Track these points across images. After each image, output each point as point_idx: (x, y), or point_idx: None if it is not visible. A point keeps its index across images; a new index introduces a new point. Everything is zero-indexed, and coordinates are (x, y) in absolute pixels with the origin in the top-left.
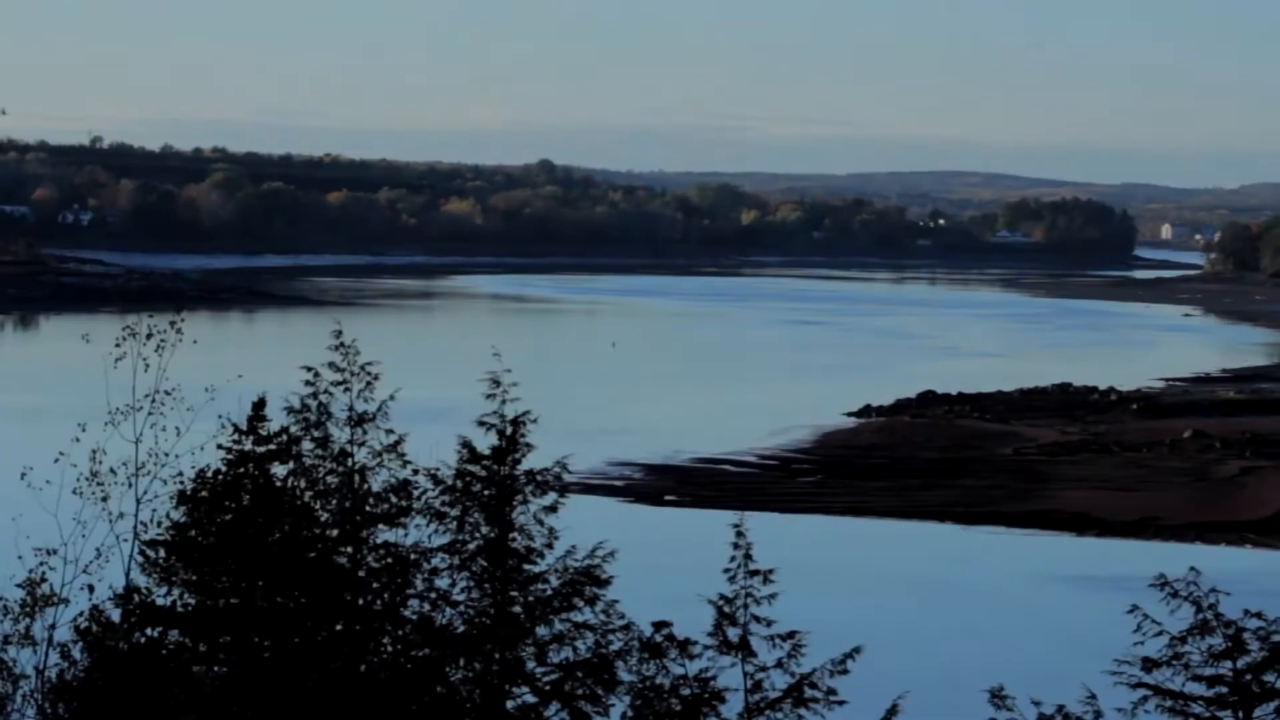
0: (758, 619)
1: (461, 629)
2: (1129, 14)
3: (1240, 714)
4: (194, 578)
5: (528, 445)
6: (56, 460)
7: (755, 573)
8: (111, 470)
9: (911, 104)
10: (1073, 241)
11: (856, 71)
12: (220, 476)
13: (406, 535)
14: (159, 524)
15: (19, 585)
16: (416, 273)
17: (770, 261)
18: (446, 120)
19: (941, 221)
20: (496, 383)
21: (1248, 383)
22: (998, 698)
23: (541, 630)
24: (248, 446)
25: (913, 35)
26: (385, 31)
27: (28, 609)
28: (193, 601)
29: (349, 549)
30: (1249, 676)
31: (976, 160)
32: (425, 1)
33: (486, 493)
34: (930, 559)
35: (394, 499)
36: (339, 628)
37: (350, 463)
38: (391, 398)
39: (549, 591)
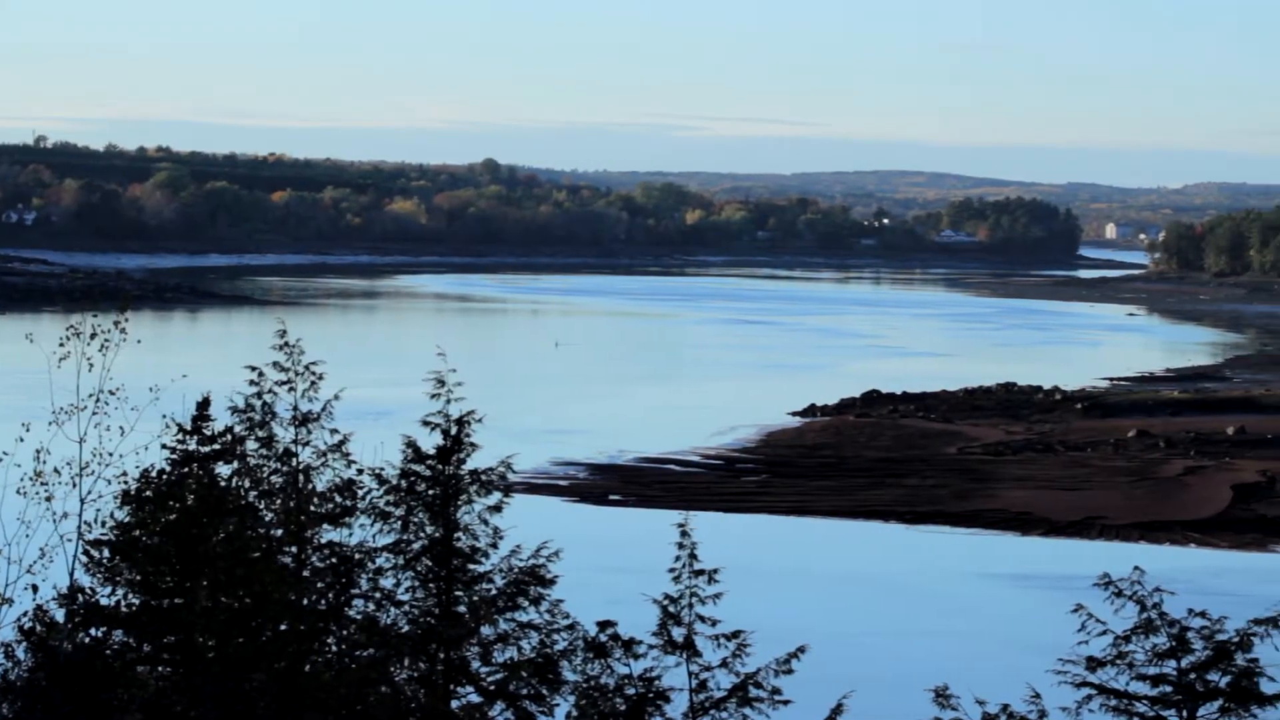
0: (702, 618)
1: (406, 629)
2: (1075, 15)
3: (1184, 713)
4: (138, 578)
5: (472, 445)
6: (0, 460)
7: (700, 572)
8: (55, 470)
9: (856, 104)
10: (1017, 241)
11: (802, 71)
12: (164, 476)
13: (351, 535)
14: (103, 524)
15: None
16: (361, 272)
17: (715, 261)
18: (391, 119)
19: (886, 221)
20: (441, 382)
21: (1192, 382)
22: (942, 697)
23: (486, 630)
24: (192, 446)
25: (858, 35)
26: (329, 30)
27: None
28: (137, 601)
29: (293, 549)
30: (1193, 675)
31: (921, 160)
32: (370, 0)
33: (431, 492)
34: (875, 558)
35: (339, 499)
36: (283, 627)
37: (295, 462)
38: (336, 397)
39: (494, 591)
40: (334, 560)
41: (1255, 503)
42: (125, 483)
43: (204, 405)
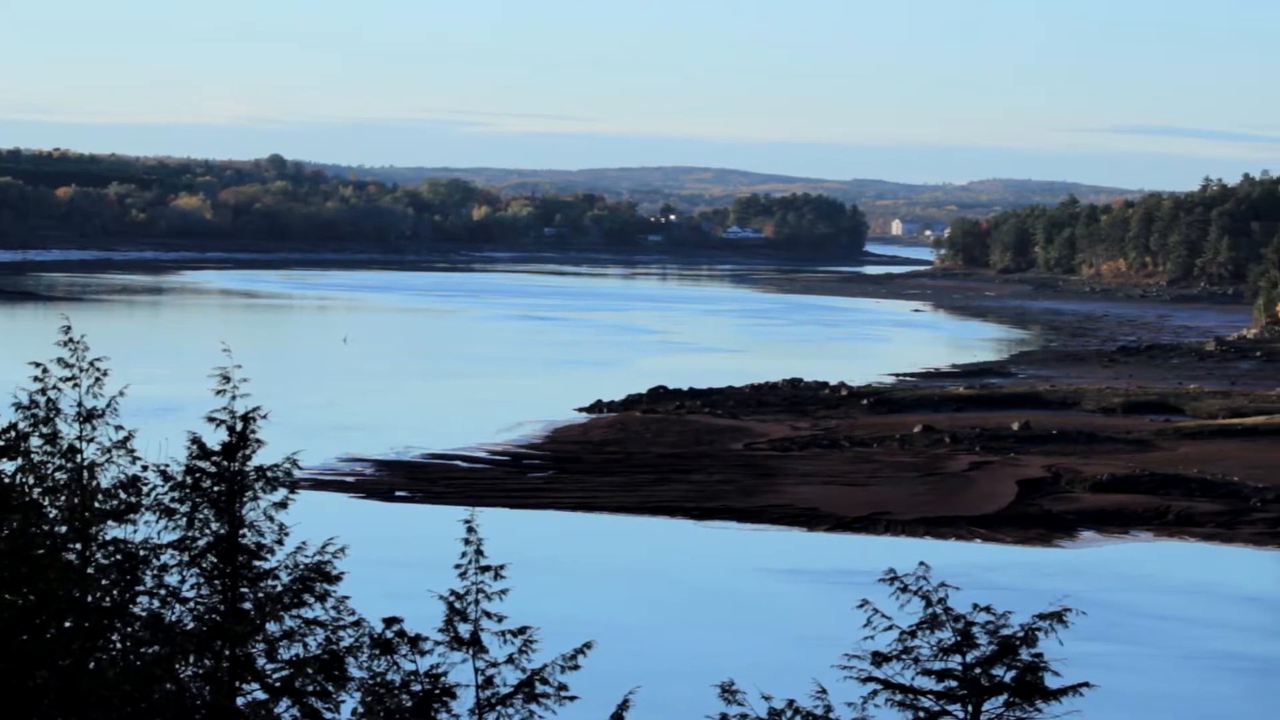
0: (489, 614)
1: (191, 625)
2: (857, 12)
3: (969, 708)
4: None
5: (258, 441)
6: None
7: (486, 568)
8: None
9: (642, 100)
10: (803, 237)
11: (587, 67)
12: None
13: (136, 531)
14: None
15: None
16: (146, 268)
17: (502, 257)
18: (176, 115)
19: (673, 217)
20: (226, 378)
21: (977, 378)
22: (728, 692)
23: (272, 626)
24: None
25: (644, 32)
26: (114, 26)
27: None
28: None
29: (78, 545)
30: (978, 670)
31: (707, 156)
32: None
33: (216, 489)
34: (662, 554)
35: (123, 495)
36: (68, 625)
37: (79, 459)
38: (121, 394)
39: (279, 588)
40: (118, 557)
41: (1040, 498)
42: None
43: None
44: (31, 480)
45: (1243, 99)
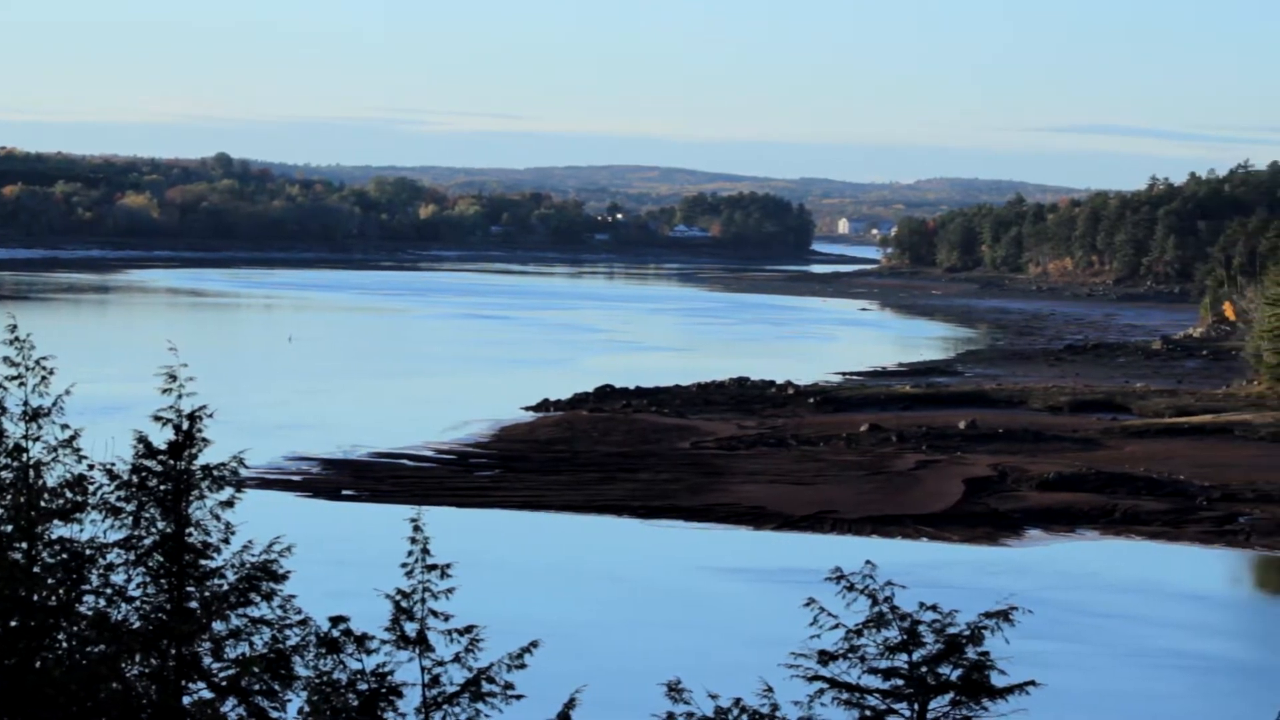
0: (435, 613)
1: (138, 624)
2: (804, 11)
3: (915, 706)
4: None
5: (204, 440)
6: None
7: (433, 567)
8: None
9: (589, 98)
10: (750, 236)
11: (534, 65)
12: None
13: (82, 530)
14: None
15: None
16: (93, 267)
17: (448, 256)
18: (123, 113)
19: (619, 216)
20: (173, 377)
21: (924, 377)
22: (675, 691)
23: (218, 625)
24: None
25: (591, 31)
26: (61, 24)
27: None
28: None
29: (23, 544)
30: (924, 669)
31: (654, 155)
32: None
33: (163, 488)
34: (609, 553)
35: (69, 494)
36: (13, 624)
37: (25, 458)
38: (67, 392)
39: (225, 587)
40: (65, 556)
41: (986, 496)
42: None
43: None
44: None
45: (1189, 98)
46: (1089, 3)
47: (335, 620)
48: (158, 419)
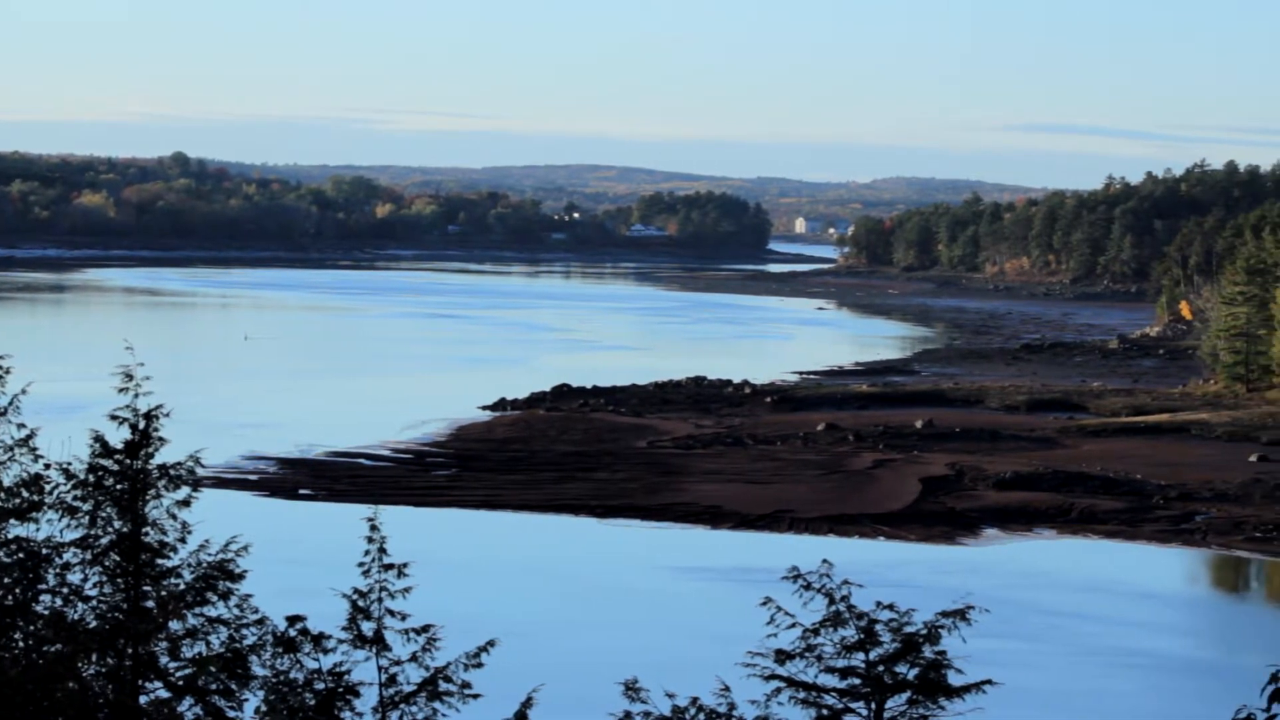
0: (392, 613)
1: (94, 624)
2: (761, 10)
3: (872, 705)
4: None
5: (161, 439)
6: None
7: (390, 566)
8: None
9: (546, 98)
10: (707, 235)
11: (491, 65)
12: None
13: (38, 530)
14: None
15: None
16: (49, 266)
17: (406, 255)
18: (79, 112)
19: (576, 215)
20: (129, 376)
21: (881, 376)
22: (632, 690)
23: (175, 625)
24: None
25: (546, 29)
26: (16, 23)
27: None
28: None
29: None
30: (881, 668)
31: (611, 154)
32: None
33: (119, 487)
34: (566, 552)
35: (25, 493)
36: None
37: None
38: (23, 391)
39: (182, 586)
40: (21, 555)
41: (943, 495)
42: None
43: None
44: None
45: (1146, 97)
46: (1046, 4)
47: (292, 620)
48: (114, 418)
